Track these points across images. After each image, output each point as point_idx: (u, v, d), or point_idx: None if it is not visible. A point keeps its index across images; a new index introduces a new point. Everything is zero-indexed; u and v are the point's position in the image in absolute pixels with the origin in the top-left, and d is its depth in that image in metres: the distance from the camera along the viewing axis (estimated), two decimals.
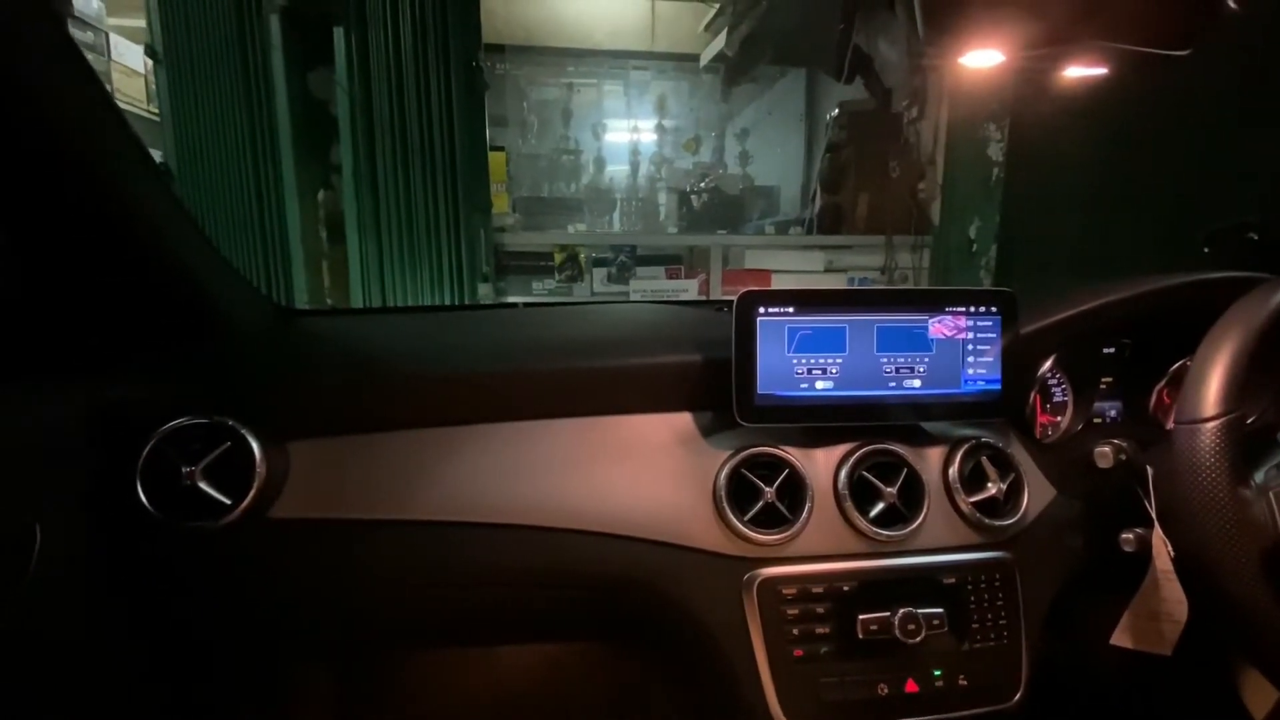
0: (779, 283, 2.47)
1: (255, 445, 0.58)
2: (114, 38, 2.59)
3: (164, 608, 0.63)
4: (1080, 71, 0.93)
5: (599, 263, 2.45)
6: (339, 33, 2.02)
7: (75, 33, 2.44)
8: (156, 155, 2.21)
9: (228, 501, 0.57)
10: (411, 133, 2.07)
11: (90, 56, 2.68)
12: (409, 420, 0.65)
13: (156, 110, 2.23)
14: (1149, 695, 0.84)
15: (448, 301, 2.17)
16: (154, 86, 2.31)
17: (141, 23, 2.22)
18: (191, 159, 2.11)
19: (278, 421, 0.61)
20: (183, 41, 2.07)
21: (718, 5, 3.12)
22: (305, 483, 0.62)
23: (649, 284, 2.45)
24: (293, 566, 0.63)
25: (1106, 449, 0.68)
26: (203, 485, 0.57)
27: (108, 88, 2.55)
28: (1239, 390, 0.56)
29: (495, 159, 2.37)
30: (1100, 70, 0.87)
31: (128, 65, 2.66)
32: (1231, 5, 0.68)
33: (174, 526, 0.57)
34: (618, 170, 3.95)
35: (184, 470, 0.56)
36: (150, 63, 2.19)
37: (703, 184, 3.30)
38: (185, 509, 0.57)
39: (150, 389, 0.59)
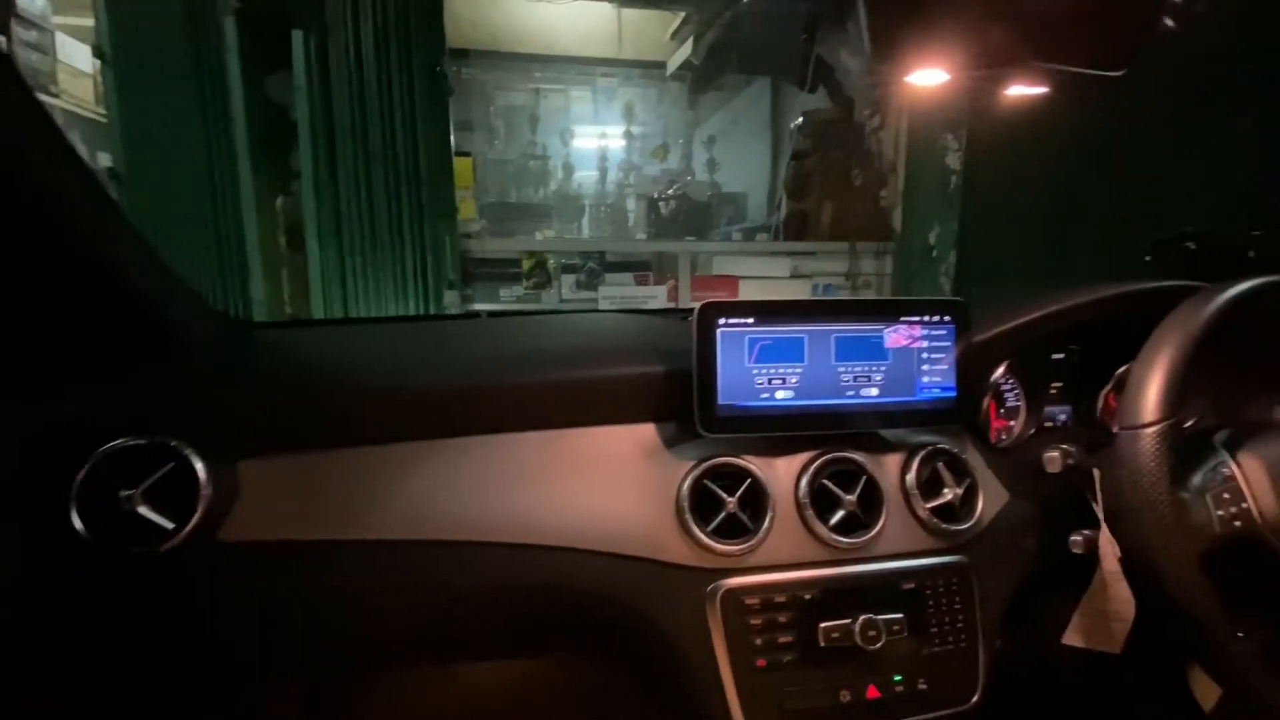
0: (746, 288, 2.49)
1: (199, 466, 0.56)
2: (60, 37, 2.50)
3: (105, 635, 0.60)
4: (1024, 90, 0.96)
5: (567, 269, 2.43)
6: (298, 35, 1.98)
7: (19, 31, 2.34)
8: (106, 159, 2.13)
9: (169, 525, 0.55)
10: (373, 138, 2.04)
11: (35, 56, 2.59)
12: (366, 436, 0.63)
13: (105, 112, 2.15)
14: (1102, 692, 0.87)
15: (413, 310, 2.13)
16: (103, 88, 2.23)
17: (89, 21, 2.14)
18: (142, 163, 2.04)
19: (226, 440, 0.59)
20: (133, 41, 2.00)
21: (684, 14, 3.15)
22: (258, 503, 0.60)
23: (618, 290, 2.44)
24: (245, 590, 0.61)
25: (1055, 454, 0.70)
26: (142, 510, 0.54)
27: (53, 89, 2.48)
28: (1177, 396, 0.58)
29: (461, 164, 2.34)
30: (1042, 89, 0.91)
31: (75, 65, 2.56)
32: (1169, 25, 0.71)
33: (113, 552, 0.55)
34: (586, 176, 3.95)
35: (122, 495, 0.54)
36: (99, 63, 2.11)
37: (671, 191, 3.33)
38: (125, 534, 0.55)
39: (86, 408, 0.57)
